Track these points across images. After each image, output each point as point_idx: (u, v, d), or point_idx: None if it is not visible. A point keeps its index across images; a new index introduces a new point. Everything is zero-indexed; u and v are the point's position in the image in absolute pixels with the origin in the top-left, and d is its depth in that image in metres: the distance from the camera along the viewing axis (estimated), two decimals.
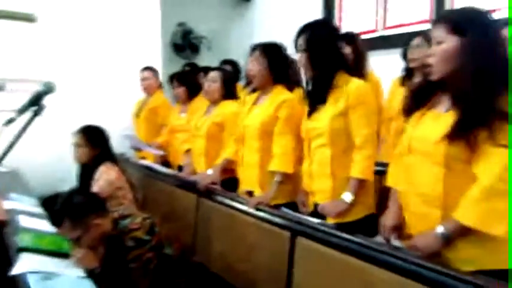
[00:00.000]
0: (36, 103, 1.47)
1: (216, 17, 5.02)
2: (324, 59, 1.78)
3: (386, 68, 2.81)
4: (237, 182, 2.28)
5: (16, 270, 1.46)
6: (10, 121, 1.40)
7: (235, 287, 1.99)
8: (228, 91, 2.62)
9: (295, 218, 1.77)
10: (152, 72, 3.66)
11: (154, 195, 2.82)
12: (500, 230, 1.17)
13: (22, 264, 1.51)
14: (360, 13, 3.76)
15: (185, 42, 5.04)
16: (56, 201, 1.70)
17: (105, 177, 2.31)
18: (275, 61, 2.12)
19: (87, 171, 2.41)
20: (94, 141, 2.40)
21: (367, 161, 1.74)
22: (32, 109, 1.46)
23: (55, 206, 1.70)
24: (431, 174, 1.30)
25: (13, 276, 1.43)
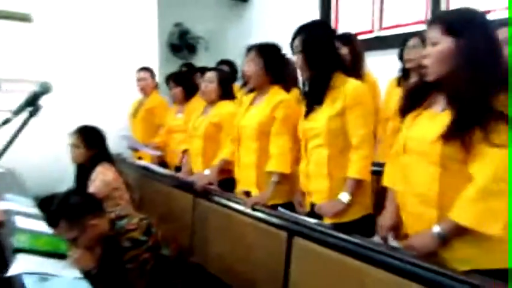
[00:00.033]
0: (32, 103, 1.46)
1: (213, 17, 5.01)
2: (321, 60, 1.78)
3: (382, 69, 2.82)
4: (234, 183, 2.28)
5: (12, 271, 1.46)
6: (6, 121, 1.40)
7: None
8: (225, 91, 2.62)
9: (292, 218, 1.77)
10: (148, 72, 3.66)
11: (151, 195, 2.81)
12: (495, 230, 1.18)
13: (18, 265, 1.50)
14: (357, 14, 3.77)
15: (182, 42, 5.03)
16: (52, 201, 1.70)
17: (101, 177, 2.30)
18: (271, 61, 2.11)
19: (83, 171, 2.40)
20: (91, 141, 2.39)
21: (364, 161, 1.74)
22: (28, 109, 1.45)
23: (51, 207, 1.69)
24: (427, 174, 1.30)
25: (9, 277, 1.43)
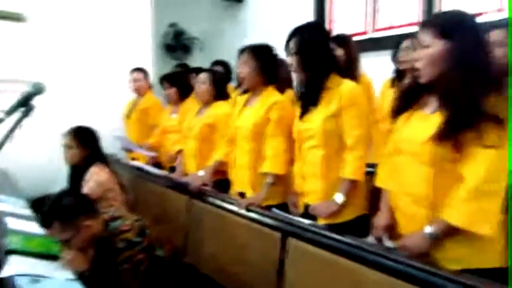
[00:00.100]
0: (25, 104, 1.45)
1: (208, 18, 5.01)
2: (316, 62, 1.78)
3: (376, 70, 2.83)
4: (229, 184, 2.28)
5: (4, 273, 1.45)
6: None
7: None
8: (219, 92, 2.62)
9: (286, 219, 1.78)
10: (142, 73, 3.64)
11: (145, 196, 2.80)
12: (487, 230, 1.19)
13: (11, 266, 1.49)
14: (351, 15, 3.79)
15: (177, 43, 5.02)
16: (45, 202, 1.69)
17: (95, 178, 2.29)
18: (264, 62, 2.11)
19: (77, 172, 2.39)
20: (84, 142, 2.38)
21: (358, 162, 1.75)
22: (21, 110, 1.45)
23: (44, 208, 1.68)
24: (419, 174, 1.31)
25: (1, 278, 1.42)
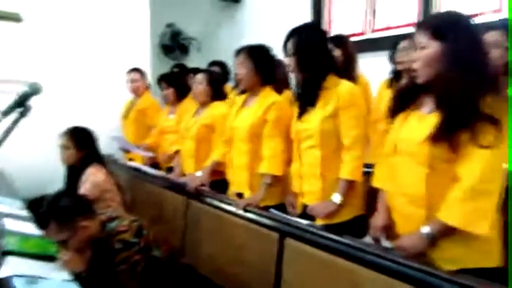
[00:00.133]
0: (22, 104, 1.45)
1: (205, 18, 5.00)
2: (314, 63, 1.78)
3: (374, 71, 2.83)
4: (226, 184, 2.28)
5: (1, 274, 1.44)
6: None
7: None
8: (216, 92, 2.62)
9: (283, 220, 1.78)
10: (139, 73, 3.64)
11: (142, 197, 2.80)
12: (483, 229, 1.20)
13: (7, 267, 1.48)
14: (348, 16, 3.79)
15: (174, 43, 5.01)
16: (42, 203, 1.68)
17: (92, 179, 2.28)
18: (261, 63, 2.11)
19: (74, 173, 2.38)
20: (81, 142, 2.37)
21: (356, 162, 1.76)
22: (18, 110, 1.44)
23: (41, 209, 1.68)
24: (415, 174, 1.32)
25: None
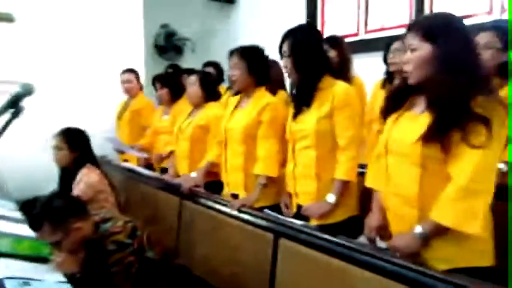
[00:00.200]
0: (14, 105, 1.44)
1: (200, 19, 4.99)
2: (309, 64, 1.79)
3: (367, 71, 2.85)
4: (221, 185, 2.27)
5: None
6: None
7: None
8: (209, 93, 2.61)
9: (278, 220, 1.78)
10: (133, 74, 3.63)
11: (136, 198, 2.79)
12: (475, 229, 1.21)
13: (0, 269, 1.47)
14: (342, 17, 3.81)
15: (168, 44, 4.98)
16: (35, 204, 1.67)
17: (86, 180, 2.27)
18: (254, 64, 2.10)
19: (67, 174, 2.37)
20: (74, 143, 2.36)
21: (351, 162, 1.76)
22: (10, 111, 1.43)
23: (34, 210, 1.66)
24: (408, 174, 1.32)
25: None
